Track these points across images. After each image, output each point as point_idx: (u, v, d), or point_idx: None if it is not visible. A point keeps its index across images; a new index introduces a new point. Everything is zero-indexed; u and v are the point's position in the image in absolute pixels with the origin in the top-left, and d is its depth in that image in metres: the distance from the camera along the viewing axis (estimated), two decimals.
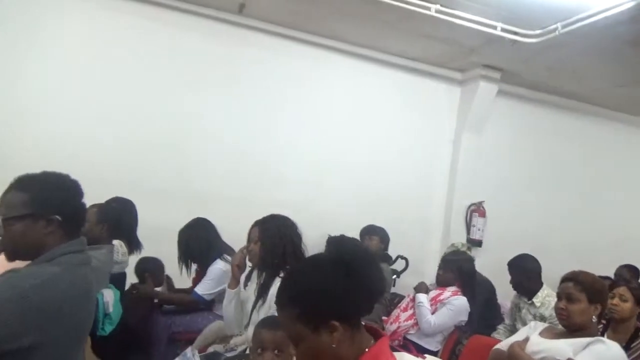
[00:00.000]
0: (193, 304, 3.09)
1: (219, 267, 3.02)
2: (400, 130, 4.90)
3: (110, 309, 2.26)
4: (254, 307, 2.27)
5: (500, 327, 3.53)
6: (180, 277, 3.28)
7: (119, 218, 2.80)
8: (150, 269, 3.17)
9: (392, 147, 4.85)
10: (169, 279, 3.35)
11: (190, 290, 3.17)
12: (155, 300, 3.19)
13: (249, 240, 2.38)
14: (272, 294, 2.18)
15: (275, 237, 2.31)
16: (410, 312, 3.27)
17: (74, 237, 1.46)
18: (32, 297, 1.26)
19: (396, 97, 4.89)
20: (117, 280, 2.65)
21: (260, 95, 4.45)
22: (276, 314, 2.04)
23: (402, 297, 3.62)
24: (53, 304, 1.30)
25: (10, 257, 1.43)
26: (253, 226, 2.41)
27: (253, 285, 2.39)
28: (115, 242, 2.70)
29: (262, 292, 2.27)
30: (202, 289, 3.02)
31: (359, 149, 4.74)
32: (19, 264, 1.46)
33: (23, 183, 1.41)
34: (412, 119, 4.95)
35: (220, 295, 3.03)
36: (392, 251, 4.33)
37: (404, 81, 4.89)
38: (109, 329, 2.26)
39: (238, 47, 4.39)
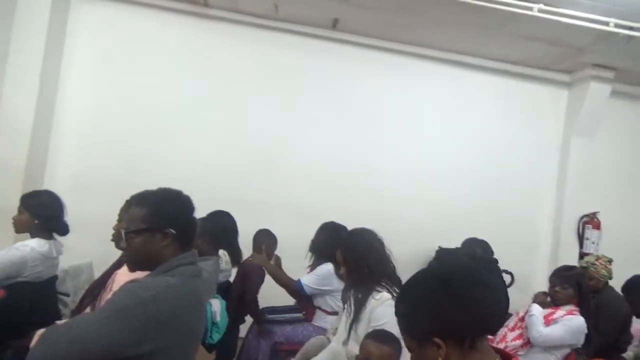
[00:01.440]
0: (294, 290, 3.15)
1: (329, 268, 3.06)
2: (500, 138, 4.68)
3: (218, 318, 2.35)
4: (352, 323, 2.23)
5: (631, 349, 3.19)
6: None
7: (219, 231, 2.91)
8: (267, 241, 3.33)
9: (492, 157, 4.65)
10: (278, 258, 3.44)
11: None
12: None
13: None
14: (371, 308, 2.14)
15: (354, 252, 2.29)
16: (518, 331, 3.05)
17: (187, 249, 1.54)
18: (152, 306, 1.33)
19: (496, 104, 4.68)
20: (223, 289, 2.76)
21: (356, 107, 4.49)
22: (376, 328, 2.05)
23: (509, 315, 3.40)
24: (170, 313, 1.37)
25: (132, 268, 1.54)
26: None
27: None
28: (220, 251, 2.83)
29: (358, 308, 2.23)
30: (306, 280, 3.09)
31: (457, 160, 4.59)
32: (139, 274, 1.57)
33: (142, 199, 1.52)
34: (514, 125, 4.71)
35: (320, 301, 3.10)
36: None
37: (504, 86, 4.67)
38: (216, 337, 2.36)
39: (332, 61, 4.47)
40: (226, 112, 4.32)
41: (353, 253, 2.27)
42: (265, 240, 3.37)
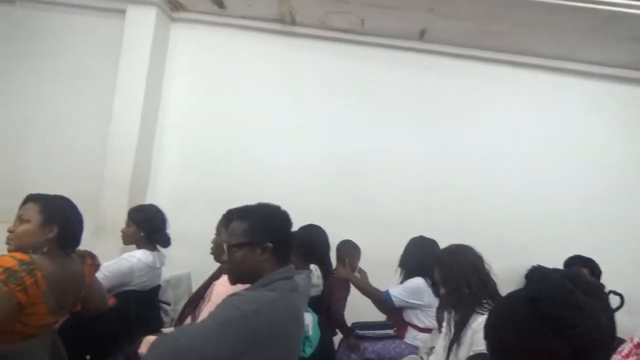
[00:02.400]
0: (381, 301, 3.10)
1: (418, 282, 2.99)
2: (605, 148, 4.31)
3: (310, 332, 2.35)
4: (451, 345, 2.10)
5: None
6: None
7: (311, 244, 2.93)
8: (350, 252, 3.32)
9: (596, 169, 4.28)
10: (364, 273, 3.41)
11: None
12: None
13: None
14: (472, 332, 2.03)
15: (454, 270, 2.18)
16: (633, 358, 2.77)
17: (285, 263, 1.56)
18: (253, 319, 1.36)
19: (600, 111, 4.33)
20: (314, 303, 2.77)
21: (445, 119, 4.36)
22: (478, 352, 1.93)
23: (621, 340, 3.10)
24: (270, 327, 1.39)
25: (233, 281, 1.58)
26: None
27: None
28: (312, 265, 2.85)
29: (459, 330, 2.09)
30: (394, 291, 3.03)
31: (555, 173, 4.29)
32: (238, 287, 1.61)
33: (243, 213, 1.56)
34: (621, 134, 4.32)
35: (411, 316, 3.01)
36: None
37: (609, 92, 4.31)
38: (309, 351, 2.36)
39: (420, 72, 4.38)
40: (315, 127, 4.37)
41: (453, 272, 2.17)
42: (348, 251, 3.36)
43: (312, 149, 4.35)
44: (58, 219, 1.81)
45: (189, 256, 3.61)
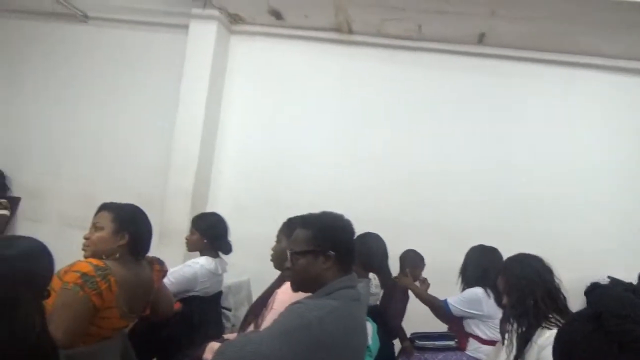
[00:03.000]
0: (439, 309, 3.04)
1: (477, 291, 2.90)
2: None
3: (370, 342, 2.33)
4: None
5: None
6: None
7: (369, 253, 2.91)
8: (413, 261, 3.30)
9: None
10: (426, 282, 3.36)
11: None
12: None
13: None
14: (538, 348, 1.93)
15: (520, 281, 2.08)
16: None
17: (347, 272, 1.55)
18: (316, 328, 1.36)
19: None
20: (373, 312, 2.74)
21: (506, 123, 4.22)
22: None
23: None
24: (333, 336, 1.38)
25: (295, 288, 1.59)
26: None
27: None
28: (370, 274, 2.83)
29: (522, 344, 2.00)
30: (452, 300, 2.96)
31: (629, 179, 4.05)
32: (301, 295, 1.62)
33: (307, 221, 1.58)
34: None
35: (472, 327, 2.92)
36: None
37: None
38: None
39: (480, 77, 4.27)
40: (373, 135, 4.35)
41: (518, 281, 2.08)
42: (411, 260, 3.33)
43: (370, 157, 4.32)
44: (129, 227, 1.90)
45: (247, 262, 3.68)
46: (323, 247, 1.51)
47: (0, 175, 4.60)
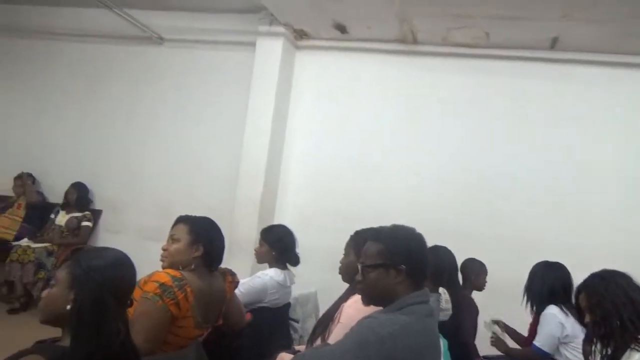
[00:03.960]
0: (531, 355, 2.85)
1: (554, 313, 2.73)
2: None
3: (442, 358, 2.26)
4: None
5: None
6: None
7: (438, 267, 2.84)
8: (476, 272, 3.23)
9: None
10: (500, 322, 3.22)
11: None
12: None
13: None
14: None
15: (605, 299, 1.94)
16: None
17: (419, 287, 1.52)
18: (389, 343, 1.34)
19: None
20: (443, 328, 2.66)
21: (582, 131, 4.01)
22: None
23: None
24: (406, 352, 1.36)
25: (366, 302, 1.58)
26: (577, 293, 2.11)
27: None
28: (440, 289, 2.76)
29: None
30: (539, 340, 2.78)
31: None
32: (370, 309, 1.61)
33: (378, 235, 1.57)
34: None
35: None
36: None
37: None
38: None
39: (553, 83, 4.09)
40: (439, 145, 4.27)
41: (602, 299, 1.95)
42: (473, 270, 3.24)
43: (437, 168, 4.24)
44: (204, 239, 1.97)
45: (313, 274, 3.70)
46: (394, 261, 1.49)
47: (84, 189, 4.93)
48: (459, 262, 3.12)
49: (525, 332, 3.16)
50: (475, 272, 3.25)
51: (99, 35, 5.10)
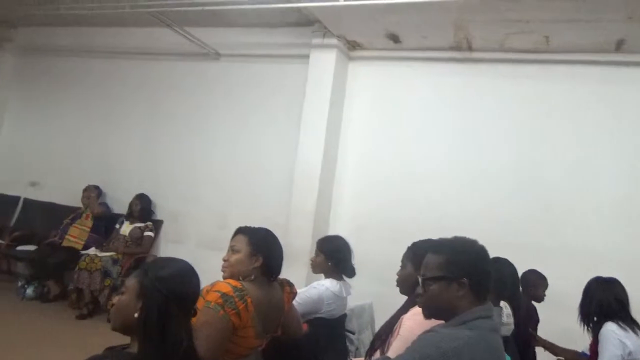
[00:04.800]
0: None
1: (610, 329, 2.57)
2: None
3: None
4: None
5: None
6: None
7: (500, 280, 2.75)
8: (536, 283, 3.17)
9: None
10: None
11: None
12: None
13: None
14: None
15: None
16: None
17: (483, 301, 1.48)
18: (453, 359, 1.30)
19: None
20: (505, 343, 2.57)
21: None
22: None
23: None
24: None
25: (427, 315, 1.55)
26: None
27: None
28: (502, 303, 2.67)
29: None
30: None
31: None
32: (431, 322, 1.57)
33: (439, 247, 1.54)
34: None
35: None
36: None
37: None
38: None
39: (619, 87, 3.90)
40: (496, 153, 4.17)
41: None
42: (533, 281, 3.16)
43: (494, 178, 4.13)
44: (263, 250, 2.00)
45: (367, 285, 3.65)
46: (456, 274, 1.46)
47: (146, 200, 5.14)
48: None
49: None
50: (534, 284, 3.16)
51: (161, 53, 5.34)
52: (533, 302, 3.29)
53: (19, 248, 5.21)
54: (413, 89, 4.49)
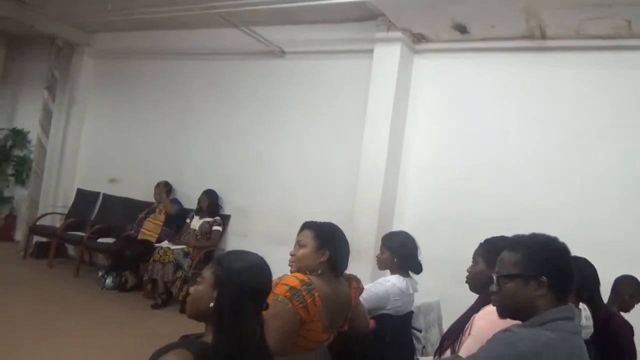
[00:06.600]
0: None
1: None
2: None
3: None
4: None
5: None
6: None
7: (580, 280, 2.59)
8: (631, 291, 2.94)
9: None
10: None
11: None
12: None
13: None
14: None
15: None
16: None
17: (563, 302, 1.40)
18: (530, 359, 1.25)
19: None
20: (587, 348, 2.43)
21: None
22: None
23: None
24: None
25: (502, 315, 1.49)
26: None
27: None
28: (580, 304, 2.52)
29: None
30: None
31: None
32: (505, 322, 1.51)
33: (516, 243, 1.47)
34: None
35: None
36: None
37: None
38: None
39: None
40: (572, 147, 3.94)
41: None
42: (629, 288, 2.92)
43: (570, 172, 3.91)
44: (329, 245, 2.00)
45: (432, 282, 3.57)
46: (534, 272, 1.39)
47: (214, 196, 5.32)
48: (608, 278, 2.84)
49: None
50: (631, 292, 2.92)
51: (228, 53, 5.49)
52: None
53: (99, 240, 5.56)
54: (481, 80, 4.34)
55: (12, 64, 7.34)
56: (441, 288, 3.61)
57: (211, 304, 1.42)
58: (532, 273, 1.39)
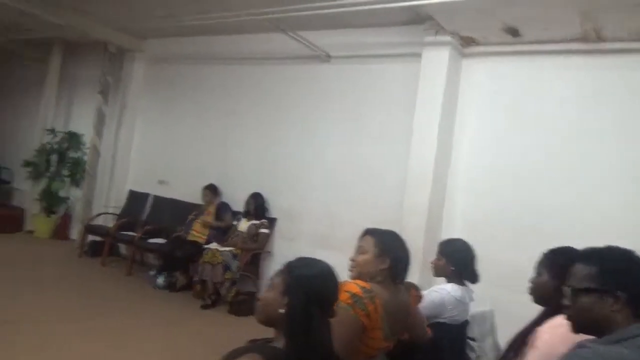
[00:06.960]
0: None
1: None
2: None
3: None
4: None
5: None
6: None
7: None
8: None
9: None
10: None
11: None
12: None
13: None
14: None
15: None
16: None
17: (639, 318, 1.36)
18: None
19: None
20: None
21: None
22: None
23: None
24: None
25: (575, 329, 1.46)
26: None
27: None
28: None
29: None
30: None
31: None
32: (577, 337, 1.48)
33: (590, 256, 1.44)
34: None
35: None
36: None
37: None
38: None
39: None
40: (630, 152, 3.81)
41: None
42: None
43: (628, 179, 3.77)
44: (390, 252, 2.01)
45: (486, 289, 3.52)
46: (610, 287, 1.35)
47: (261, 199, 5.40)
48: None
49: None
50: None
51: (275, 57, 5.57)
52: None
53: (150, 240, 5.73)
54: (533, 84, 4.25)
55: (68, 69, 7.66)
56: (491, 296, 3.53)
57: (281, 310, 1.46)
58: (608, 288, 1.36)
